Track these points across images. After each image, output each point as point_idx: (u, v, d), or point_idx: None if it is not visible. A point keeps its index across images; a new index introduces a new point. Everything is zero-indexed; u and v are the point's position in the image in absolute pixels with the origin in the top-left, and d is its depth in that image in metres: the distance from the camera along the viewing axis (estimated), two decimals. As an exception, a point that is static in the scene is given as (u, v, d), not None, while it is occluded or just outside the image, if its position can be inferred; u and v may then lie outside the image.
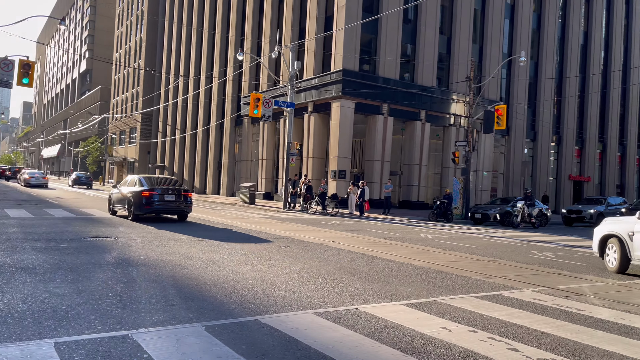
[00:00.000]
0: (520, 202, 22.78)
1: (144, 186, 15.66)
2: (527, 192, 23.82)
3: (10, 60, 19.42)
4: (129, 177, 17.38)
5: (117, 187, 17.62)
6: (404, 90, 32.30)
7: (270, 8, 37.31)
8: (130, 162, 67.49)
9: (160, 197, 15.58)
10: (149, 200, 15.29)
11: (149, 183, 16.05)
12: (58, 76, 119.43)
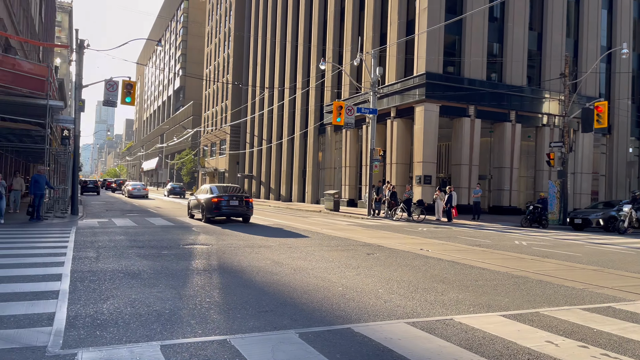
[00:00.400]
0: (627, 206, 20.92)
1: (214, 193, 18.92)
2: (635, 194, 21.85)
3: (115, 82, 21.14)
4: (203, 186, 21.29)
5: (194, 195, 21.50)
6: (491, 90, 31.03)
7: (351, 16, 37.54)
8: (220, 172, 70.71)
9: (227, 202, 18.59)
10: (217, 205, 18.39)
11: (219, 191, 19.15)
12: (155, 94, 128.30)
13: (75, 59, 22.39)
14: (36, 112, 17.59)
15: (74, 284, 6.86)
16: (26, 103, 17.25)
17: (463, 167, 30.16)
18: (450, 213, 24.12)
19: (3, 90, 16.43)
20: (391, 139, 31.82)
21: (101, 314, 5.38)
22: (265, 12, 57.06)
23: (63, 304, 5.74)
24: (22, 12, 29.78)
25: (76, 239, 12.20)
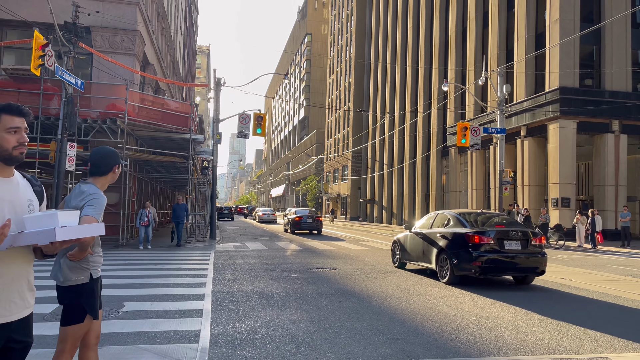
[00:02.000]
0: None
1: (296, 214, 29.21)
2: None
3: (247, 115, 22.74)
4: (291, 209, 30.70)
5: (287, 214, 32.91)
6: (638, 103, 27.88)
7: (474, 35, 36.49)
8: (343, 197, 71.96)
9: (305, 219, 28.59)
10: (299, 222, 28.39)
11: (299, 212, 29.77)
12: (282, 124, 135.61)
13: (213, 96, 24.57)
14: (180, 145, 19.55)
15: (215, 304, 7.37)
16: (173, 138, 19.26)
17: (607, 187, 27.26)
18: (594, 239, 21.85)
19: (154, 127, 18.54)
20: (522, 160, 29.93)
21: (240, 333, 5.69)
22: (385, 38, 57.80)
23: (207, 322, 6.19)
24: (169, 57, 33.59)
25: (215, 262, 13.15)
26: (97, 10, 19.29)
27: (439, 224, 11.00)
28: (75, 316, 3.17)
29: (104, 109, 17.30)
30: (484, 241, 9.53)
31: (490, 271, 9.59)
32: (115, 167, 3.32)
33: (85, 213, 3.00)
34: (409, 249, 11.90)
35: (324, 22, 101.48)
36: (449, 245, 10.09)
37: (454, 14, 40.12)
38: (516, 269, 9.74)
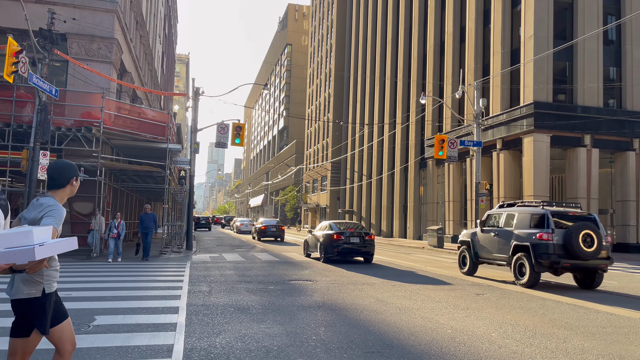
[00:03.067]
0: None
1: (262, 224, 33.02)
2: None
3: (226, 125, 22.64)
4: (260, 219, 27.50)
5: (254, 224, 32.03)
6: (609, 118, 28.66)
7: (452, 49, 37.12)
8: (322, 208, 71.96)
9: (269, 228, 32.59)
10: (264, 230, 32.22)
11: (265, 222, 33.45)
12: (261, 134, 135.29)
13: (191, 105, 24.41)
14: (157, 155, 19.33)
15: (189, 317, 7.26)
16: (149, 147, 19.03)
17: (580, 200, 27.83)
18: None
19: (130, 136, 18.31)
20: (498, 172, 30.42)
21: (214, 347, 5.61)
22: (365, 50, 58.38)
23: (180, 336, 6.08)
24: (147, 65, 33.30)
25: (191, 273, 12.97)
26: (74, 18, 19.05)
27: (323, 228, 18.33)
28: (21, 330, 3.16)
29: (79, 117, 17.02)
30: (340, 238, 16.92)
31: (343, 254, 17.07)
32: (72, 180, 3.34)
33: (46, 223, 3.01)
34: (310, 244, 19.32)
35: (304, 33, 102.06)
36: (324, 240, 17.33)
37: (432, 28, 40.78)
38: (357, 253, 17.36)
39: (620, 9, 29.93)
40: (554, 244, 11.43)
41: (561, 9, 29.41)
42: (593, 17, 28.79)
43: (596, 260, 11.35)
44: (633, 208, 28.75)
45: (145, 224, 17.12)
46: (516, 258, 12.05)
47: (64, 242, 2.46)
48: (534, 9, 28.00)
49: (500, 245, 12.91)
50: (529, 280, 11.61)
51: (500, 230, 13.00)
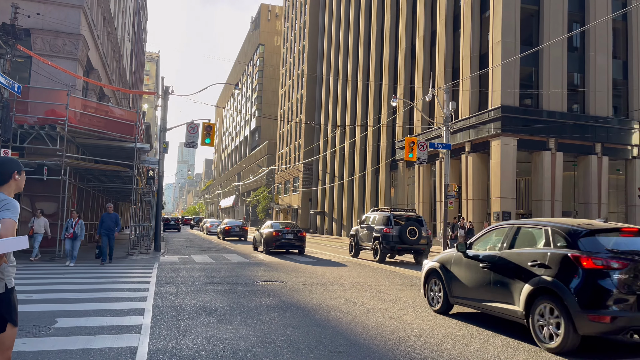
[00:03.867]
0: None
1: (226, 224, 35.44)
2: None
3: (196, 124, 22.37)
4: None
5: (219, 224, 35.68)
6: (573, 122, 29.55)
7: (422, 52, 37.63)
8: (294, 209, 71.86)
9: (233, 228, 34.97)
10: (228, 231, 34.67)
11: (229, 223, 35.08)
12: (233, 134, 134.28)
13: (160, 104, 24.04)
14: (125, 154, 18.96)
15: (155, 319, 7.14)
16: (117, 146, 18.65)
17: (545, 202, 28.63)
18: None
19: (97, 135, 17.91)
20: (466, 174, 30.98)
21: (180, 349, 5.53)
22: (337, 52, 58.63)
23: (145, 338, 5.98)
24: (115, 63, 32.63)
25: (158, 275, 12.77)
26: (38, 12, 18.51)
27: (266, 227, 22.70)
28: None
29: (43, 115, 16.54)
30: (277, 234, 21.21)
31: (280, 247, 21.22)
32: (14, 174, 3.32)
33: (4, 216, 3.02)
34: (257, 240, 23.37)
35: (277, 34, 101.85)
36: (265, 237, 21.49)
37: (403, 32, 41.24)
38: (292, 246, 21.62)
39: (584, 17, 30.89)
40: (392, 235, 18.29)
41: (528, 15, 30.18)
42: (558, 24, 29.64)
43: (418, 245, 18.34)
44: (595, 210, 29.66)
45: (107, 224, 15.68)
46: (374, 244, 18.95)
47: (15, 240, 2.40)
48: (501, 15, 28.64)
49: (368, 237, 19.84)
50: (379, 258, 18.31)
51: (369, 227, 20.01)
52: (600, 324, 5.47)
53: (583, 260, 5.67)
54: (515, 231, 7.05)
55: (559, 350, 5.72)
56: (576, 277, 5.68)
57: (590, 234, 6.06)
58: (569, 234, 6.16)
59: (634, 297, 5.51)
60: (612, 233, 6.21)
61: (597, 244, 5.92)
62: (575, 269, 5.73)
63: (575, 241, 6.01)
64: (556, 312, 5.79)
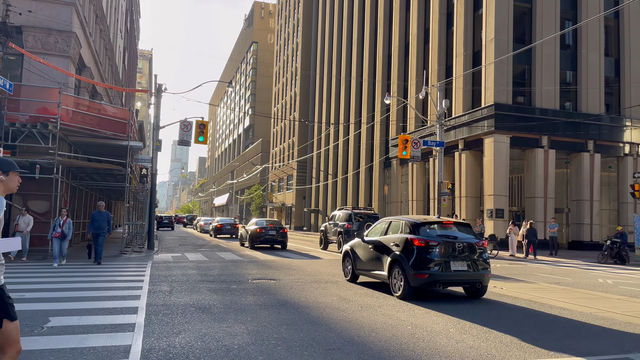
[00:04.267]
0: None
1: (218, 222, 36.49)
2: None
3: (189, 122, 22.29)
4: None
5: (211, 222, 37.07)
6: (565, 120, 29.72)
7: (416, 50, 37.68)
8: (287, 207, 71.82)
9: (225, 226, 35.89)
10: (220, 228, 35.95)
11: (221, 221, 36.41)
12: (227, 132, 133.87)
13: (153, 102, 23.93)
14: (118, 152, 18.88)
15: (148, 317, 7.12)
16: (110, 145, 18.56)
17: (537, 200, 28.79)
18: (535, 248, 22.85)
19: (89, 133, 17.82)
20: (460, 172, 31.09)
21: (173, 347, 5.53)
22: (331, 50, 58.58)
23: (139, 336, 5.96)
24: (107, 61, 32.44)
25: (152, 273, 12.73)
26: (30, 10, 18.36)
27: (251, 224, 24.50)
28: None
29: (35, 113, 16.43)
30: (261, 231, 22.95)
31: (264, 242, 23.10)
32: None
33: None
34: (243, 236, 25.76)
35: (271, 32, 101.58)
36: (250, 233, 23.44)
37: (396, 29, 41.28)
38: (274, 242, 23.26)
39: (577, 15, 31.05)
40: (353, 230, 20.88)
41: (521, 13, 30.29)
42: (551, 22, 29.78)
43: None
44: (587, 207, 29.88)
45: (98, 223, 15.01)
46: (338, 238, 21.44)
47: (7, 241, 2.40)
48: (494, 13, 28.73)
49: (334, 232, 22.50)
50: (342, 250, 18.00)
51: (335, 223, 23.23)
52: (422, 279, 9.00)
53: (414, 241, 9.23)
54: (389, 223, 10.62)
55: (402, 297, 9.22)
56: (410, 251, 9.20)
57: (422, 225, 9.63)
58: (411, 225, 9.75)
59: (442, 263, 9.01)
60: (436, 225, 9.76)
61: (425, 232, 9.51)
62: (411, 246, 9.26)
63: (414, 230, 9.59)
64: (401, 273, 9.28)
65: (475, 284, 9.41)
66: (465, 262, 9.15)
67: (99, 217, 15.11)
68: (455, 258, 9.08)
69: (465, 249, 9.22)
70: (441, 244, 9.05)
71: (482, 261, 9.37)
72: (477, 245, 9.36)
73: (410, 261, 9.04)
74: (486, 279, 9.42)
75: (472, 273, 9.19)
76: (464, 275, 9.14)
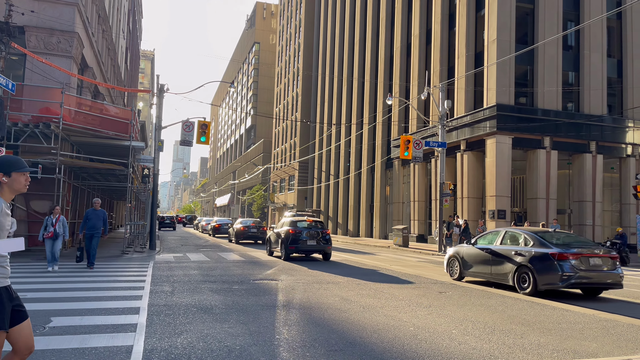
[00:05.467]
0: None
1: (216, 222, 38.50)
2: None
3: (191, 122, 22.32)
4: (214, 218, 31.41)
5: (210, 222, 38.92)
6: (567, 121, 29.65)
7: (418, 51, 37.65)
8: (289, 207, 71.81)
9: (223, 226, 37.99)
10: (218, 228, 38.15)
11: (218, 221, 38.10)
12: (228, 133, 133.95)
13: (155, 102, 23.95)
14: (120, 152, 18.89)
15: (150, 318, 7.12)
16: (112, 145, 18.58)
17: (539, 201, 28.73)
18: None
19: (92, 133, 17.83)
20: (461, 173, 31.04)
21: (175, 348, 5.52)
22: (333, 50, 58.56)
23: (140, 337, 5.96)
24: (109, 61, 32.48)
25: (153, 273, 12.73)
26: (32, 10, 18.39)
27: (237, 223, 30.13)
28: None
29: (37, 113, 16.45)
30: (245, 229, 29.00)
31: (247, 238, 29.07)
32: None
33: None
34: (231, 234, 30.61)
35: (272, 32, 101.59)
36: (236, 231, 29.33)
37: (399, 30, 41.25)
38: (256, 238, 29.03)
39: (579, 15, 30.98)
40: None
41: (523, 14, 30.24)
42: (553, 22, 29.71)
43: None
44: (589, 208, 29.81)
45: (92, 222, 13.63)
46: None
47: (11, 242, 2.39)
48: (497, 14, 28.68)
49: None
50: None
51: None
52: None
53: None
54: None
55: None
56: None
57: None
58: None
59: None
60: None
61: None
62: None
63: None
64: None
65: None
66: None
67: (94, 215, 13.73)
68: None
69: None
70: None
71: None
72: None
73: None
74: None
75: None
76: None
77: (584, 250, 10.46)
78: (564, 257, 10.18)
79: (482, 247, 12.30)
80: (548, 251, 10.46)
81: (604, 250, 10.75)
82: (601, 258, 10.48)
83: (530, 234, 11.29)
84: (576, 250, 10.36)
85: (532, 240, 11.07)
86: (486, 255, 12.01)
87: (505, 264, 11.35)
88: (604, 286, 10.67)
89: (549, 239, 10.89)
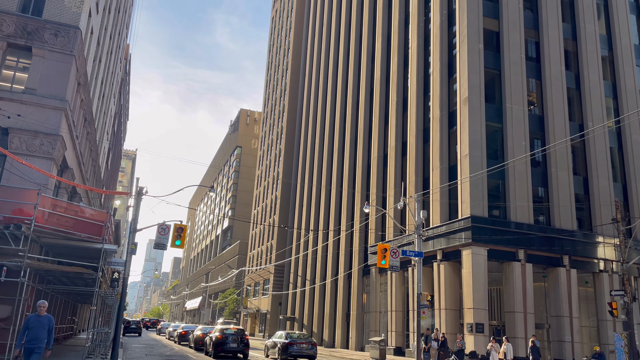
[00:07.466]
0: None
1: (182, 329, 38.38)
2: None
3: (167, 226, 22.09)
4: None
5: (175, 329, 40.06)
6: (540, 234, 30.28)
7: (394, 162, 39.04)
8: (262, 313, 69.26)
9: (189, 333, 36.76)
10: (184, 335, 37.44)
11: (185, 327, 38.55)
12: (204, 233, 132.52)
13: (133, 204, 23.83)
14: (91, 254, 18.38)
15: None
16: (83, 247, 18.11)
17: (517, 314, 28.36)
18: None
19: (64, 235, 17.42)
20: (438, 283, 30.80)
21: None
22: (312, 158, 60.40)
23: None
24: (90, 161, 32.75)
25: (112, 392, 11.78)
26: (19, 114, 18.79)
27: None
28: None
29: (9, 214, 16.10)
30: (186, 333, 37.44)
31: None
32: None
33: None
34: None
35: (255, 137, 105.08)
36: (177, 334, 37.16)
37: (375, 141, 43.08)
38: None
39: (544, 135, 32.92)
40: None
41: (492, 131, 32.04)
42: (521, 140, 31.44)
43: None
44: (567, 324, 29.45)
45: (34, 333, 10.73)
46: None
47: None
48: (468, 131, 30.31)
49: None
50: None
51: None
52: None
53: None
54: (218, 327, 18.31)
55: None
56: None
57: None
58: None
59: None
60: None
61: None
62: None
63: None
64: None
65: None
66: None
67: (37, 323, 10.83)
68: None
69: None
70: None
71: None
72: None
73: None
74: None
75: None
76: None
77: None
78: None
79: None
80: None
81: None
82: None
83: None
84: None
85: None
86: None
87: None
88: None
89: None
